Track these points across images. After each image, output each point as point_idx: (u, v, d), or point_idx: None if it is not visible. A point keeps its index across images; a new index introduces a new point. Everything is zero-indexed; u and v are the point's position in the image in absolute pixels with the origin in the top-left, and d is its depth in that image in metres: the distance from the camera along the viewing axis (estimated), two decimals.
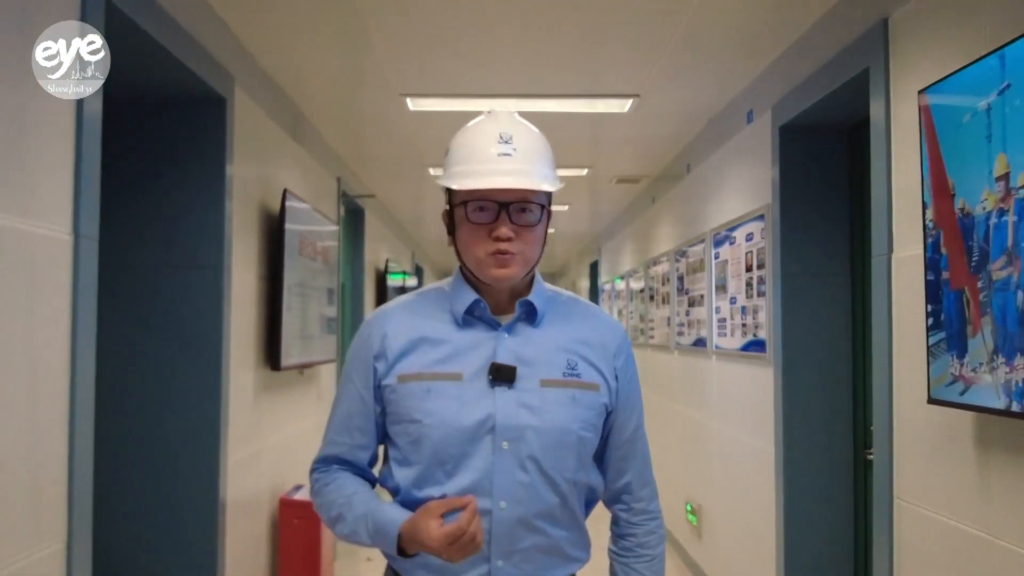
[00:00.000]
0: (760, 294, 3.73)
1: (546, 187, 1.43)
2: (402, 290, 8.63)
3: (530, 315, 1.50)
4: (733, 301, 4.16)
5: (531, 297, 1.50)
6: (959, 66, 2.04)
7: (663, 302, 6.05)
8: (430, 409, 1.43)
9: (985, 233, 1.95)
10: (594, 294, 10.79)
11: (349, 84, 3.99)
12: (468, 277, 1.51)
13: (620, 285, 8.42)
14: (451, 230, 1.50)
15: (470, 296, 1.48)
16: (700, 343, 4.87)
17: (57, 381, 1.99)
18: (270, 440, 3.80)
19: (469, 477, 1.42)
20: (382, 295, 7.29)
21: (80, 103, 2.05)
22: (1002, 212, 1.87)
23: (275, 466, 3.91)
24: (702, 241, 4.73)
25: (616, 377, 1.55)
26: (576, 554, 1.54)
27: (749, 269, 3.89)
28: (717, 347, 4.49)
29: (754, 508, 3.85)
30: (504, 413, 1.43)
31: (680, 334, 5.45)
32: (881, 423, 2.59)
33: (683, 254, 5.27)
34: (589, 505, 1.60)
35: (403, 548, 1.41)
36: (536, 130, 1.51)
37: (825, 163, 3.40)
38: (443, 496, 1.41)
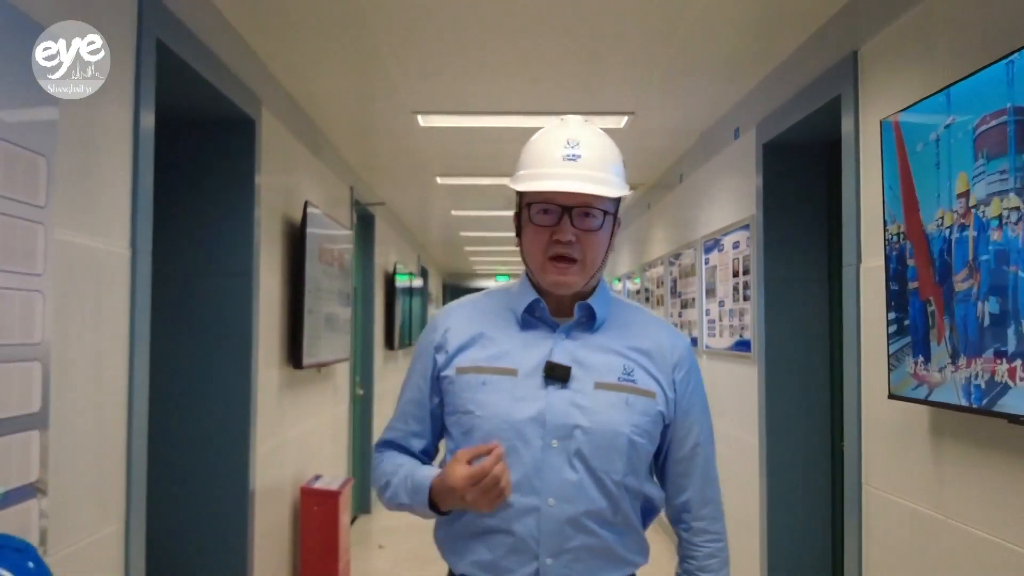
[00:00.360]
0: (746, 298, 3.95)
1: (609, 192, 1.41)
2: (409, 290, 8.84)
3: (589, 319, 1.49)
4: (722, 304, 4.37)
5: (591, 301, 1.48)
6: (920, 96, 2.25)
7: (658, 304, 6.26)
8: (483, 401, 1.44)
9: (942, 248, 2.15)
10: None
11: (364, 103, 4.20)
12: (533, 279, 1.51)
13: (618, 286, 8.62)
14: (519, 232, 1.51)
15: (531, 296, 1.48)
16: (692, 343, 5.09)
17: (117, 380, 2.21)
18: (292, 433, 4.02)
19: (518, 471, 1.40)
20: (391, 296, 7.50)
21: (136, 125, 2.27)
22: (963, 227, 2.07)
23: (296, 457, 4.13)
24: (693, 247, 4.95)
25: (675, 389, 1.51)
26: (631, 557, 1.49)
27: (736, 275, 4.11)
28: (707, 347, 4.71)
29: (740, 496, 4.06)
30: (555, 411, 1.42)
31: None
32: (851, 417, 2.81)
33: (676, 258, 5.49)
34: (647, 516, 1.55)
35: (436, 504, 1.43)
36: (606, 137, 1.49)
37: (805, 178, 3.61)
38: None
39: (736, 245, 4.09)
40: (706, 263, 4.67)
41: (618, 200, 1.47)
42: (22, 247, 1.76)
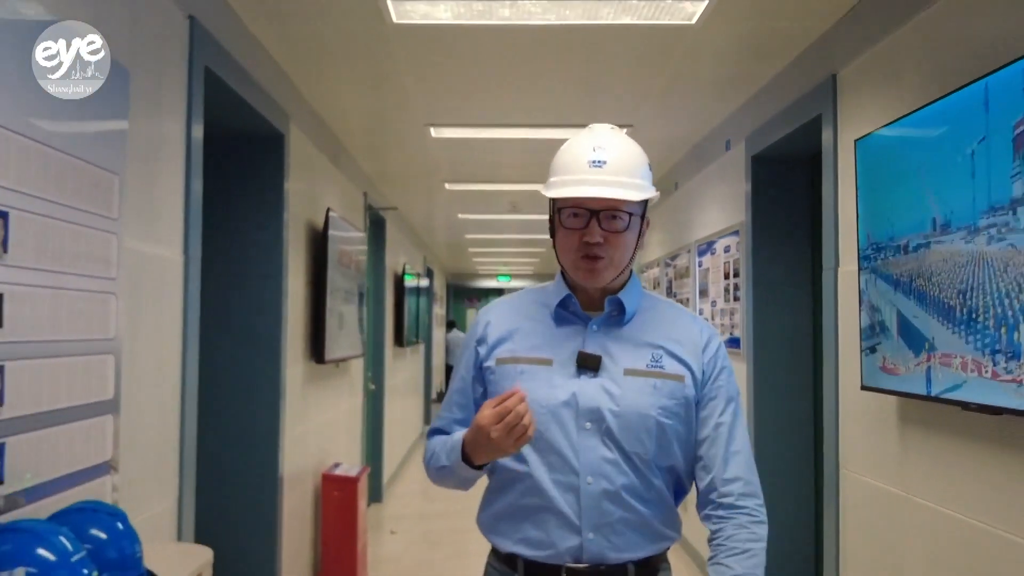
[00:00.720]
0: (736, 299, 4.16)
1: (632, 197, 1.45)
2: (416, 290, 9.05)
3: (619, 313, 1.54)
4: (714, 304, 4.59)
5: (621, 295, 1.53)
6: (891, 119, 2.46)
7: None
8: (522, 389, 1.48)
9: (909, 256, 2.36)
10: None
11: (382, 117, 4.43)
12: (566, 277, 1.58)
13: None
14: (553, 234, 1.56)
15: (563, 292, 1.55)
16: None
17: (173, 372, 2.42)
18: (313, 423, 4.23)
19: (557, 453, 1.48)
20: (400, 296, 7.71)
21: (188, 142, 2.49)
22: (927, 239, 2.27)
23: (317, 446, 4.34)
24: (688, 251, 5.16)
25: (703, 372, 1.53)
26: (667, 532, 1.53)
27: (727, 276, 4.32)
28: None
29: None
30: (586, 396, 1.48)
31: None
32: (829, 407, 3.03)
33: (672, 260, 5.70)
34: (678, 495, 1.58)
35: (469, 457, 1.48)
36: (631, 143, 1.53)
37: (789, 188, 3.82)
38: (528, 472, 1.50)
39: (727, 249, 4.31)
40: (700, 265, 4.89)
41: (645, 202, 1.51)
42: (100, 254, 1.97)
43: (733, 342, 4.21)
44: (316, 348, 4.10)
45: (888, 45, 2.62)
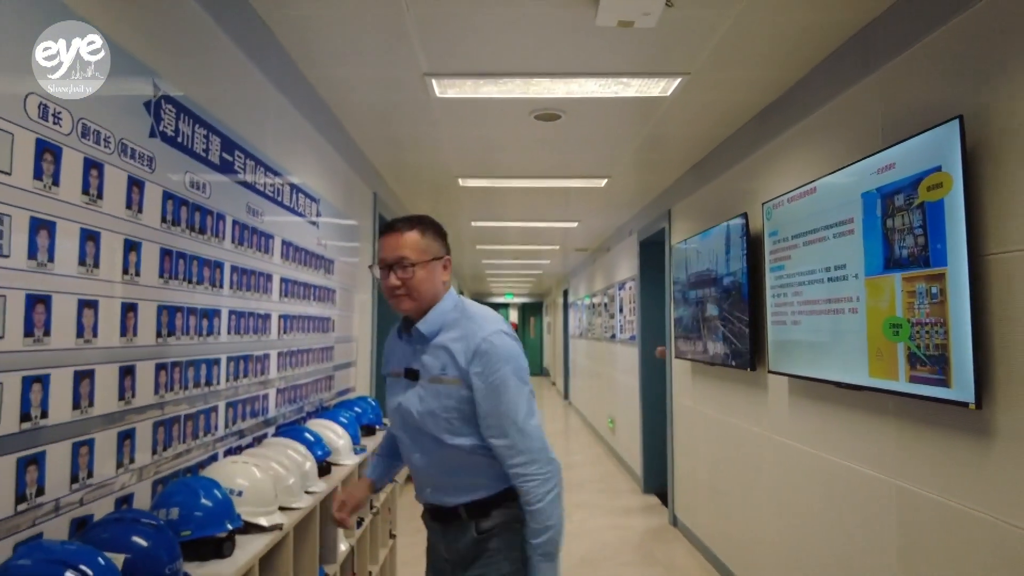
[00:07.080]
0: (633, 313, 5.75)
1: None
2: None
3: (420, 335, 1.50)
4: (625, 316, 6.17)
5: (420, 323, 1.49)
6: (685, 237, 4.06)
7: (598, 315, 8.05)
8: (388, 395, 1.58)
9: (687, 296, 3.95)
10: (564, 308, 12.70)
11: (445, 214, 6.01)
12: None
13: (581, 303, 10.36)
14: None
15: (403, 320, 1.57)
16: (612, 336, 6.89)
17: (366, 350, 4.03)
18: None
19: (405, 440, 1.54)
20: None
21: (373, 251, 4.10)
22: (696, 290, 3.87)
23: None
24: (613, 287, 6.76)
25: (470, 375, 1.43)
26: (481, 483, 1.48)
27: (631, 302, 5.91)
28: (617, 337, 6.50)
29: (632, 416, 5.84)
30: (407, 400, 1.50)
31: (604, 331, 7.45)
32: (668, 368, 4.62)
33: (607, 291, 7.27)
34: (485, 455, 1.47)
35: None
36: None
37: (657, 260, 5.36)
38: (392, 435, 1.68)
39: (630, 288, 5.90)
40: (619, 295, 6.48)
41: (426, 255, 1.49)
42: (351, 303, 3.57)
43: (632, 337, 5.78)
44: None
45: (694, 197, 4.20)
